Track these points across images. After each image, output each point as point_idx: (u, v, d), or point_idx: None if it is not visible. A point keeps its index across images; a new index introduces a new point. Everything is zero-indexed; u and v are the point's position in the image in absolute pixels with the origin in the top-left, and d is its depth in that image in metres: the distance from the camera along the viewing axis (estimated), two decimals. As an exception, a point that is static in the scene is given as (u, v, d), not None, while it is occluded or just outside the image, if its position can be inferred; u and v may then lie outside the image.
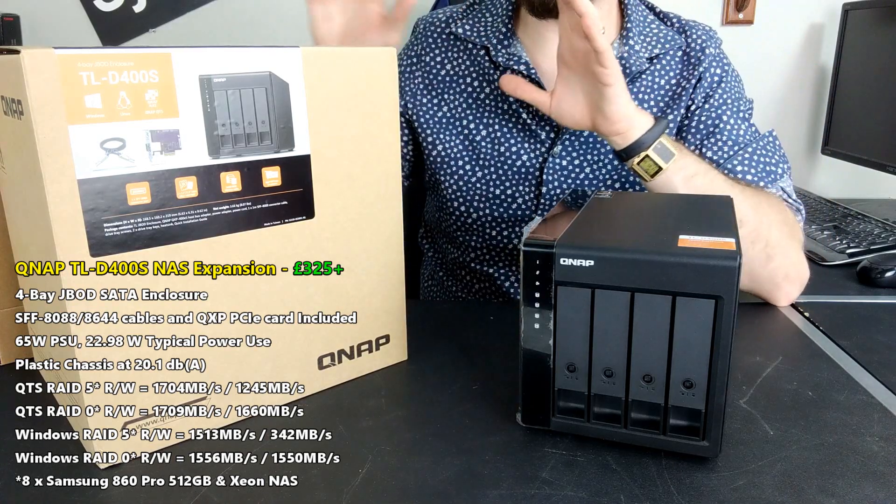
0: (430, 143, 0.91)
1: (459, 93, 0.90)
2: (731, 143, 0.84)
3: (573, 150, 0.86)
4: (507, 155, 0.88)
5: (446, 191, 0.91)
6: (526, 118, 0.86)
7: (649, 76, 0.86)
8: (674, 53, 0.87)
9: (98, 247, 0.46)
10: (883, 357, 0.68)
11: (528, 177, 0.88)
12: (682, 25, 0.89)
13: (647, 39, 0.87)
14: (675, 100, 0.87)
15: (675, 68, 0.87)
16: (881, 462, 0.50)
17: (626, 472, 0.49)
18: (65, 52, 0.43)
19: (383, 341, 0.65)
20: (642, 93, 0.86)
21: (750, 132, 0.86)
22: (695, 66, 0.86)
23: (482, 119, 0.89)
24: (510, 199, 0.89)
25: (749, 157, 0.84)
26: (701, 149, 0.86)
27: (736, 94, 0.88)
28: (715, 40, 0.88)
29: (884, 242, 1.05)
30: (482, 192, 0.89)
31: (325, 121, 0.56)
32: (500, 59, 0.86)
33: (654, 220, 0.56)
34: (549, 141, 0.86)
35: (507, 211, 0.89)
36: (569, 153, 0.86)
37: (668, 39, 0.87)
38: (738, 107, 0.87)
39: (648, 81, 0.86)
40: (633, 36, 0.86)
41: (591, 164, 0.86)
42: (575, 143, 0.86)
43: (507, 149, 0.88)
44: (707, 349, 0.47)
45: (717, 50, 0.88)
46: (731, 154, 0.84)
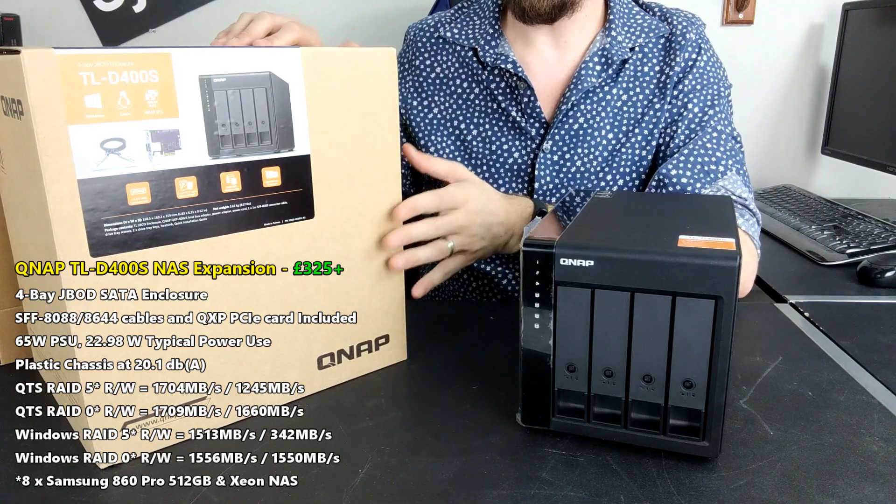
0: (423, 146, 0.93)
1: (449, 94, 0.91)
2: (689, 132, 0.85)
3: (563, 144, 0.87)
4: (498, 153, 0.89)
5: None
6: (515, 116, 0.87)
7: (632, 65, 0.87)
8: (656, 41, 0.88)
9: (98, 247, 0.46)
10: (883, 357, 0.68)
11: (521, 173, 0.89)
12: (665, 13, 0.90)
13: (630, 30, 0.88)
14: (661, 88, 0.87)
15: (657, 55, 0.88)
16: (881, 462, 0.50)
17: (626, 472, 0.49)
18: (65, 53, 0.43)
19: (383, 341, 0.65)
20: (627, 82, 0.87)
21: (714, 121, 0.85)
22: (677, 53, 0.86)
23: (472, 119, 0.90)
24: None
25: (685, 158, 0.82)
26: (666, 138, 0.86)
27: (705, 80, 0.87)
28: (696, 26, 0.89)
29: (884, 242, 1.05)
30: None
31: (324, 121, 0.56)
32: (487, 59, 0.87)
33: (654, 220, 0.56)
34: (538, 137, 0.88)
35: None
36: (559, 147, 0.87)
37: (652, 28, 0.88)
38: (705, 94, 0.86)
39: (632, 70, 0.87)
40: (616, 27, 0.87)
41: (582, 157, 0.87)
42: (565, 138, 0.87)
43: (497, 147, 0.89)
44: (707, 349, 0.47)
45: (696, 35, 0.88)
46: (679, 141, 0.84)
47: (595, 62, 0.86)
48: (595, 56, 0.86)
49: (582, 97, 0.86)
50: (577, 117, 0.86)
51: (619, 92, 0.87)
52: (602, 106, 0.87)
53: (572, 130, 0.87)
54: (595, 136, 0.87)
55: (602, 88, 0.86)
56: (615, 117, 0.87)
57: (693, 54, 0.87)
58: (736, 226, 0.53)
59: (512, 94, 0.87)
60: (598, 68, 0.85)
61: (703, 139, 0.84)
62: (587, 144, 0.87)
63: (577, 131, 0.87)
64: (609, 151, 0.87)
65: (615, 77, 0.86)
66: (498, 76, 0.88)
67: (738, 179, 0.84)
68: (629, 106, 0.87)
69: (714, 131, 0.85)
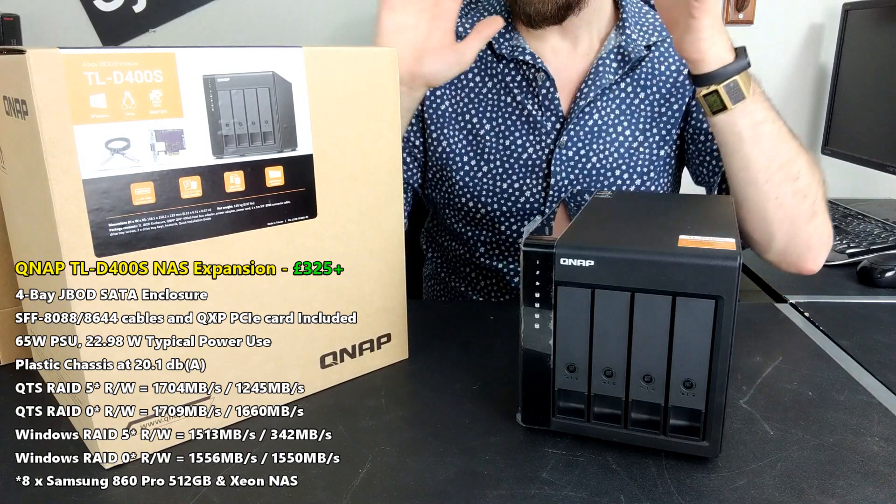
0: (436, 139, 0.91)
1: (461, 88, 0.90)
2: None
3: (579, 140, 0.86)
4: (511, 148, 0.88)
5: (453, 187, 0.91)
6: (531, 109, 0.86)
7: (649, 63, 0.87)
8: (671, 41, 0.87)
9: (103, 247, 0.46)
10: (883, 357, 0.69)
11: (536, 169, 0.88)
12: None
13: (643, 28, 0.88)
14: (678, 87, 0.88)
15: (673, 55, 0.88)
16: (881, 462, 0.50)
17: (626, 472, 0.49)
18: (70, 52, 0.43)
19: (384, 340, 0.66)
20: (644, 80, 0.87)
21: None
22: None
23: (485, 113, 0.89)
24: (518, 192, 0.89)
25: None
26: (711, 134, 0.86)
27: None
28: None
29: (884, 242, 1.05)
30: (489, 187, 0.89)
31: (327, 120, 0.56)
32: (504, 51, 0.86)
33: (654, 220, 0.56)
34: (554, 132, 0.87)
35: (516, 205, 0.89)
36: (574, 143, 0.86)
37: (664, 27, 0.88)
38: None
39: (649, 68, 0.87)
40: (630, 26, 0.87)
41: (598, 154, 0.87)
42: (580, 133, 0.86)
43: (511, 142, 0.88)
44: (707, 349, 0.47)
45: None
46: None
47: (612, 59, 0.86)
48: (612, 53, 0.86)
49: (599, 94, 0.86)
50: (592, 114, 0.86)
51: (635, 90, 0.87)
52: (617, 104, 0.87)
53: (587, 126, 0.86)
54: (611, 134, 0.87)
55: (618, 86, 0.86)
56: (632, 115, 0.87)
57: None
58: (736, 226, 0.53)
59: (529, 87, 0.86)
60: (615, 65, 0.86)
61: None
62: (603, 141, 0.87)
63: (591, 128, 0.86)
64: (626, 149, 0.87)
65: (631, 74, 0.87)
66: (514, 69, 0.87)
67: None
68: (646, 105, 0.87)
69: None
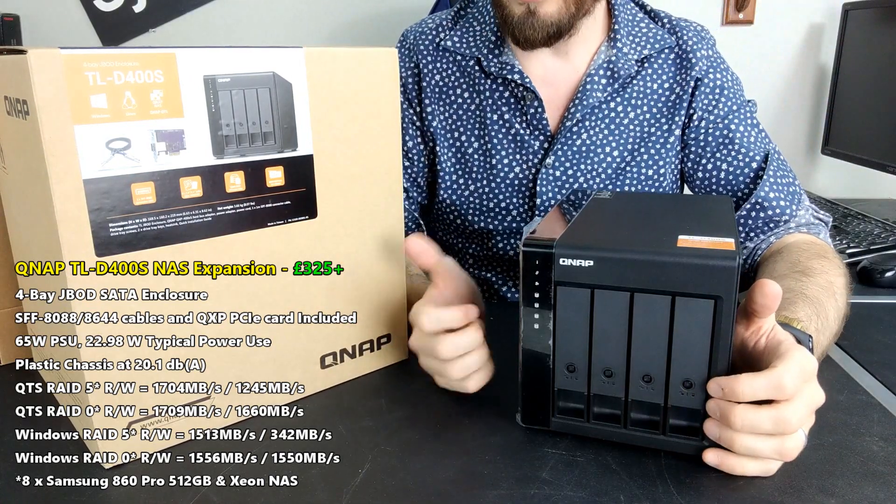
0: (434, 151, 0.90)
1: (449, 104, 0.88)
2: (745, 151, 0.82)
3: (566, 159, 0.84)
4: (498, 168, 0.86)
5: (441, 204, 0.90)
6: (519, 128, 0.84)
7: (641, 81, 0.84)
8: (666, 55, 0.84)
9: (103, 247, 0.47)
10: (883, 357, 0.68)
11: (522, 188, 0.86)
12: (673, 25, 0.85)
13: (635, 40, 0.84)
14: (671, 108, 0.84)
15: (667, 72, 0.84)
16: (881, 462, 0.50)
17: (626, 472, 0.49)
18: (71, 53, 0.43)
19: (384, 340, 0.66)
20: (635, 98, 0.84)
21: (760, 137, 0.84)
22: (688, 70, 0.83)
23: (473, 131, 0.87)
24: (504, 211, 0.87)
25: (774, 179, 0.81)
26: (715, 162, 0.84)
27: (740, 100, 0.85)
28: (707, 41, 0.85)
29: (884, 242, 1.05)
30: (475, 205, 0.88)
31: (327, 121, 0.56)
32: (492, 70, 0.83)
33: (653, 220, 0.56)
34: (541, 151, 0.85)
35: (503, 223, 0.88)
36: (562, 163, 0.84)
37: (658, 39, 0.84)
38: (744, 112, 0.85)
39: (640, 87, 0.84)
40: (622, 38, 0.83)
41: (585, 174, 0.85)
42: (568, 153, 0.84)
43: (498, 161, 0.86)
44: (706, 349, 0.47)
45: (710, 51, 0.85)
46: (745, 163, 0.82)
47: (601, 75, 0.82)
48: (601, 69, 0.82)
49: (587, 113, 0.83)
50: (580, 133, 0.83)
51: (625, 109, 0.84)
52: (606, 123, 0.84)
53: (574, 147, 0.84)
54: (599, 154, 0.84)
55: (608, 104, 0.83)
56: (620, 136, 0.84)
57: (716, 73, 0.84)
58: (736, 226, 0.53)
59: (517, 105, 0.84)
60: (604, 82, 0.82)
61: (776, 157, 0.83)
62: (591, 162, 0.84)
63: (580, 147, 0.84)
64: (613, 170, 0.85)
65: (621, 92, 0.83)
66: (502, 86, 0.84)
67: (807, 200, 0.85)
68: (636, 124, 0.84)
69: (775, 152, 0.84)
